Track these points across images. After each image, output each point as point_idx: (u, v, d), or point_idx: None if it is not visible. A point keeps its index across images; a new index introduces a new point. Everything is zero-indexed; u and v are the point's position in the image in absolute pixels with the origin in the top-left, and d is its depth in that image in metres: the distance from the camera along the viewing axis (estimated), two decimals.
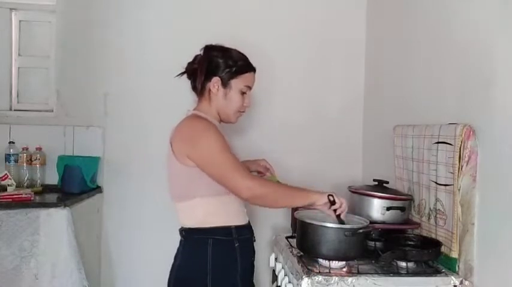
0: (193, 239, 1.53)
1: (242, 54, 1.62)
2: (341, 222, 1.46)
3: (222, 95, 1.58)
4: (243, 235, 1.57)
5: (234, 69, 1.57)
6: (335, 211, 1.45)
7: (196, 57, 1.61)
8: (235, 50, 1.61)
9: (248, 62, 1.62)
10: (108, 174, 2.35)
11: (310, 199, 1.46)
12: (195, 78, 1.58)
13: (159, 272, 1.66)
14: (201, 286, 1.48)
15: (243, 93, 1.60)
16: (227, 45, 1.62)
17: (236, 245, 1.52)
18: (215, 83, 1.57)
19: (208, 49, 1.60)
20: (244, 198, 1.44)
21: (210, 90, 1.58)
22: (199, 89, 1.59)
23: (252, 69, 1.63)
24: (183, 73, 1.64)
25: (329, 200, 1.44)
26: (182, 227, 1.57)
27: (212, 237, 1.50)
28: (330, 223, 1.48)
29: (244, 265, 1.55)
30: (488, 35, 1.37)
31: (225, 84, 1.57)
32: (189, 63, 1.62)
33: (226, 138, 1.55)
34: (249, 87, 1.62)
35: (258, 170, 1.85)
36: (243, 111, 1.65)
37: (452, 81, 1.56)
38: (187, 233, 1.55)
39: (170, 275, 1.58)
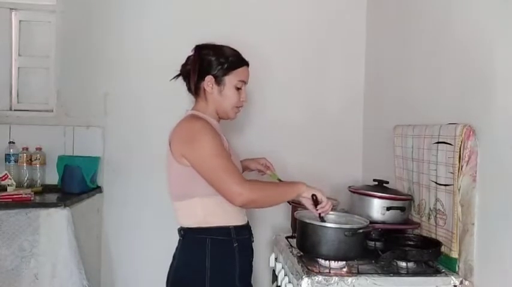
0: (191, 239, 1.53)
1: (233, 50, 1.61)
2: (322, 220, 1.50)
3: (217, 93, 1.58)
4: (242, 235, 1.56)
5: (226, 65, 1.56)
6: (317, 209, 1.50)
7: (188, 58, 1.61)
8: (226, 46, 1.61)
9: (240, 56, 1.61)
10: (108, 174, 2.35)
11: (297, 191, 1.49)
12: (189, 79, 1.58)
13: (159, 272, 1.65)
14: (199, 286, 1.48)
15: (238, 88, 1.59)
16: (227, 45, 1.62)
17: (235, 245, 1.52)
18: (209, 81, 1.56)
19: (199, 48, 1.59)
20: (236, 205, 1.42)
21: (205, 89, 1.58)
22: (194, 89, 1.59)
23: (245, 64, 1.62)
24: (177, 76, 1.64)
25: (312, 199, 1.48)
26: (181, 227, 1.57)
27: (210, 237, 1.49)
28: (330, 223, 1.48)
29: (242, 266, 1.54)
30: (489, 35, 1.37)
31: (218, 81, 1.57)
32: (182, 65, 1.62)
33: (224, 137, 1.55)
34: (244, 82, 1.61)
35: (258, 169, 1.85)
36: (241, 107, 1.64)
37: (453, 81, 1.56)
38: (186, 233, 1.54)
39: (168, 274, 1.58)
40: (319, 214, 1.50)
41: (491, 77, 1.35)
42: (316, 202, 1.48)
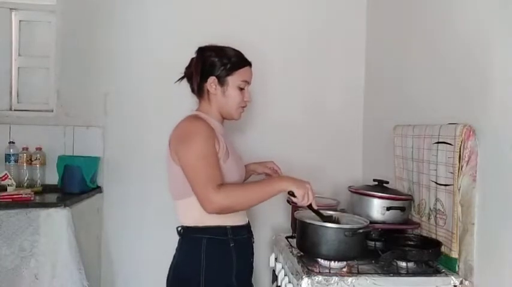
0: (189, 238, 1.54)
1: (236, 51, 1.62)
2: (315, 211, 1.48)
3: (220, 94, 1.58)
4: (240, 235, 1.56)
5: (228, 66, 1.57)
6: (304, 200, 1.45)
7: (192, 60, 1.62)
8: (228, 47, 1.61)
9: (242, 57, 1.62)
10: (108, 174, 2.35)
11: (278, 188, 1.43)
12: (193, 81, 1.59)
13: (159, 272, 1.65)
14: (195, 285, 1.48)
15: (241, 88, 1.60)
16: (228, 45, 1.62)
17: (231, 245, 1.51)
18: (212, 82, 1.57)
19: (202, 50, 1.60)
20: (208, 212, 1.39)
21: (208, 90, 1.59)
22: (197, 90, 1.60)
23: (247, 64, 1.62)
24: (182, 78, 1.65)
25: (288, 193, 1.43)
26: (180, 226, 1.57)
27: (206, 236, 1.50)
28: (330, 223, 1.48)
29: (240, 266, 1.54)
30: (489, 35, 1.37)
31: (222, 82, 1.57)
32: (186, 68, 1.64)
33: (223, 138, 1.54)
34: (247, 82, 1.62)
35: (265, 172, 1.85)
36: (245, 107, 1.64)
37: (453, 81, 1.56)
38: (184, 232, 1.55)
39: (168, 274, 1.58)
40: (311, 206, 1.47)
41: (491, 77, 1.35)
42: (292, 195, 1.43)
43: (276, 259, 1.82)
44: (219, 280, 1.50)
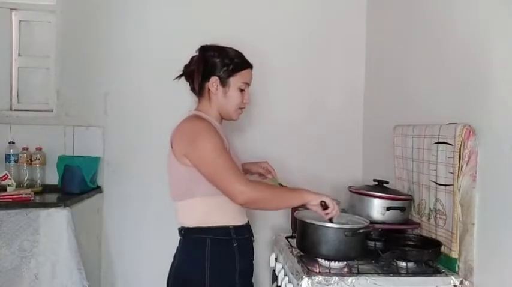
0: (191, 239, 1.54)
1: (238, 52, 1.62)
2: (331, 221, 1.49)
3: (221, 94, 1.58)
4: (242, 235, 1.56)
5: (231, 67, 1.57)
6: (327, 213, 1.47)
7: (192, 58, 1.62)
8: (230, 48, 1.62)
9: (244, 59, 1.62)
10: (108, 174, 2.35)
11: (304, 199, 1.48)
12: (193, 79, 1.59)
13: (159, 272, 1.66)
14: (198, 285, 1.48)
15: (241, 90, 1.60)
16: (228, 45, 1.62)
17: (235, 245, 1.52)
18: (214, 82, 1.57)
19: (204, 49, 1.60)
20: (238, 203, 1.42)
21: (209, 90, 1.59)
22: (198, 89, 1.60)
23: (249, 66, 1.63)
24: (180, 76, 1.65)
25: (321, 205, 1.46)
26: (182, 227, 1.57)
27: (210, 237, 1.50)
28: (330, 223, 1.48)
29: (243, 265, 1.55)
30: (489, 35, 1.37)
31: (223, 83, 1.58)
32: (185, 66, 1.63)
33: (225, 139, 1.54)
34: (247, 84, 1.63)
35: (259, 172, 1.85)
36: (243, 108, 1.65)
37: (453, 81, 1.57)
38: (186, 233, 1.55)
39: (169, 274, 1.58)
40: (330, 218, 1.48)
41: (491, 77, 1.35)
42: (325, 207, 1.46)
43: (276, 259, 1.82)
44: (222, 279, 1.50)
